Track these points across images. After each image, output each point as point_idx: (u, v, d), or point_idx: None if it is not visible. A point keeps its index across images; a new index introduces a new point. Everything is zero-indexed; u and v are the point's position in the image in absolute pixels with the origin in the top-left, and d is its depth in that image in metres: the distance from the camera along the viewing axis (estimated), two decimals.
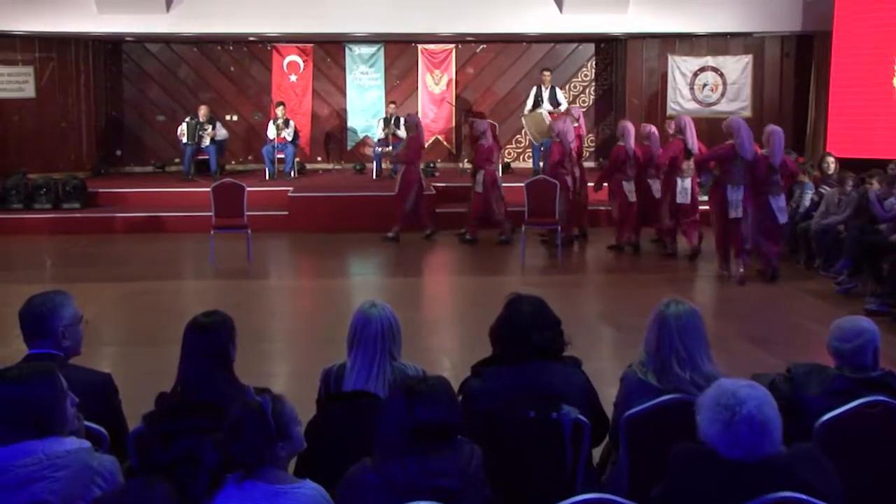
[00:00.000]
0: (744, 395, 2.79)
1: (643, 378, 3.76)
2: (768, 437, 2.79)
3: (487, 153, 12.58)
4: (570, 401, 3.59)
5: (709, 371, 3.68)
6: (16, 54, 15.55)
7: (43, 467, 2.72)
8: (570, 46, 17.56)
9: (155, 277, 10.83)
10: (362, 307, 3.87)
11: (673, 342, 3.70)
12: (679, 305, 3.76)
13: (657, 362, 3.74)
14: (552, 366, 3.71)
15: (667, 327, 3.72)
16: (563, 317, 3.86)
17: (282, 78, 17.39)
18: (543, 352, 3.68)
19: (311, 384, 4.11)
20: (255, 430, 2.80)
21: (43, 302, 3.65)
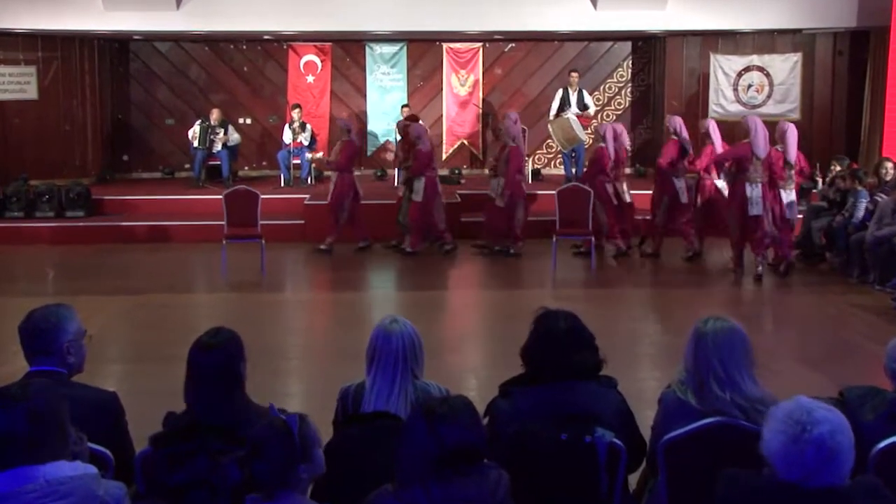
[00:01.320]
0: (820, 415, 2.73)
1: (683, 397, 3.75)
2: (835, 466, 2.70)
3: (427, 159, 12.55)
4: (605, 423, 3.58)
5: (751, 392, 3.66)
6: (17, 53, 15.73)
7: (44, 494, 2.68)
8: (604, 45, 17.55)
9: (163, 290, 10.89)
10: (382, 323, 3.88)
11: (710, 361, 3.68)
12: (717, 322, 3.73)
13: (696, 381, 3.73)
14: (585, 385, 3.70)
15: (704, 345, 3.70)
16: (595, 333, 3.85)
17: (298, 79, 17.49)
18: (581, 371, 3.68)
19: (328, 404, 4.12)
20: (279, 450, 2.81)
21: (46, 316, 3.65)
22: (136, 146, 17.48)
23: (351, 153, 13.00)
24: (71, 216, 14.27)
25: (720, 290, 10.92)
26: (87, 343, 3.86)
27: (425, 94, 17.65)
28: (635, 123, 17.69)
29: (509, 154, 12.19)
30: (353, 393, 3.88)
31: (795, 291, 10.66)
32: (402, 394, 3.75)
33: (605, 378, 3.81)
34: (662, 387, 3.98)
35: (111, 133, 17.35)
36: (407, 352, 3.80)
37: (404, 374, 3.79)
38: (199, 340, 3.57)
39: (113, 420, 3.67)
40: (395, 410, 3.66)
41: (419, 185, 12.50)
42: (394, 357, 3.78)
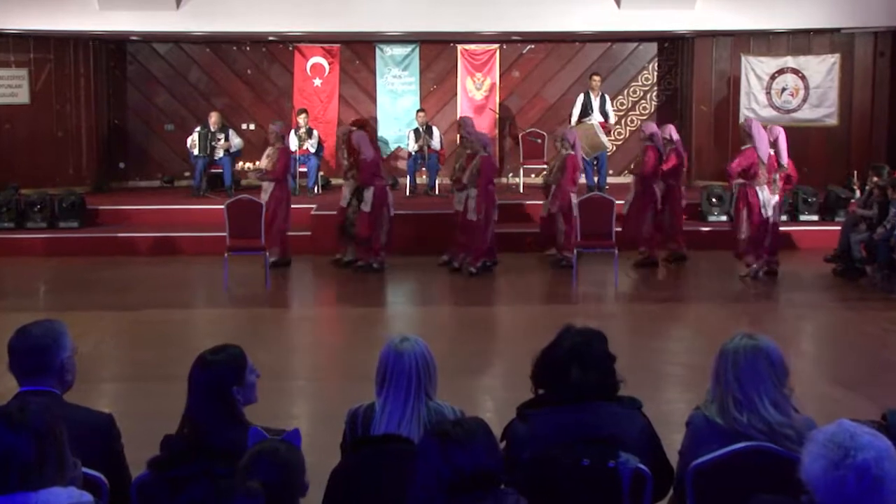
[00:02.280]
0: (864, 441, 2.68)
1: (710, 416, 3.74)
2: (879, 495, 2.63)
3: (373, 167, 12.49)
4: (630, 447, 3.57)
5: (771, 416, 3.63)
6: (8, 55, 15.84)
7: None
8: (628, 46, 17.57)
9: (161, 305, 10.93)
10: (393, 341, 3.88)
11: (728, 380, 3.67)
12: (742, 340, 3.72)
13: (717, 403, 3.74)
14: (608, 407, 3.70)
15: (724, 363, 3.70)
16: (619, 352, 3.85)
17: (305, 82, 17.56)
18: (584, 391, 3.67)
19: (335, 426, 4.13)
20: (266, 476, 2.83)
21: (45, 332, 3.65)
22: (134, 153, 17.55)
23: (287, 161, 13.00)
24: (64, 227, 14.34)
25: (753, 305, 10.91)
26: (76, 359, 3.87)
27: (439, 98, 17.70)
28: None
29: (481, 165, 12.07)
30: (362, 415, 3.89)
31: (833, 308, 10.63)
32: (415, 416, 3.76)
33: (629, 399, 3.80)
34: (690, 409, 3.97)
35: (107, 139, 17.44)
36: (420, 371, 3.81)
37: (418, 395, 3.79)
38: (201, 355, 3.59)
39: (108, 443, 3.68)
40: (408, 433, 3.66)
41: (368, 194, 12.35)
42: (406, 377, 3.79)
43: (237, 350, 3.66)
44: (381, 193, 12.47)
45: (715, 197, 14.71)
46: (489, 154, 12.36)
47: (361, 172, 12.39)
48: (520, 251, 13.26)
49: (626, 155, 17.57)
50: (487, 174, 12.19)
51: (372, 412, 3.86)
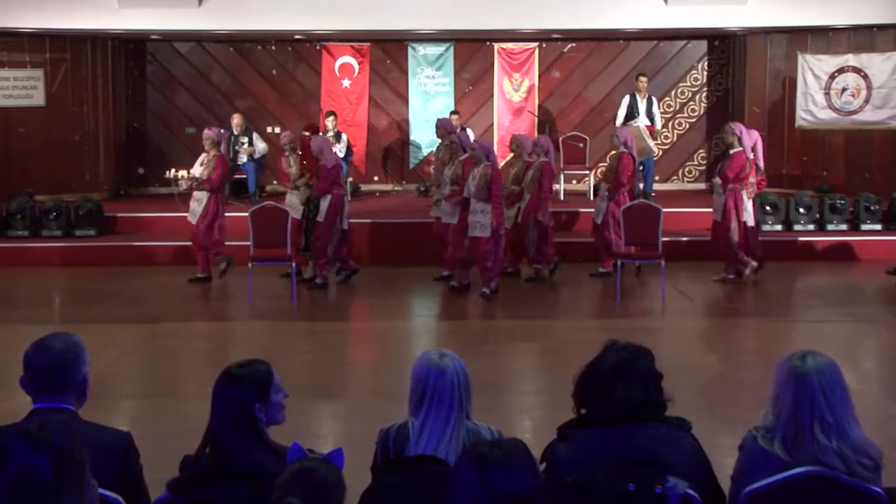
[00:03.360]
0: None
1: (767, 448, 3.70)
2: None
3: (334, 174, 12.38)
4: (678, 471, 3.54)
5: (859, 439, 3.61)
6: (24, 55, 16.03)
7: None
8: (676, 44, 17.52)
9: (181, 318, 11.01)
10: (429, 357, 3.88)
11: (816, 404, 3.63)
12: (818, 359, 3.69)
13: (791, 428, 3.67)
14: (655, 428, 3.68)
15: (807, 385, 3.64)
16: (666, 370, 3.83)
17: (333, 83, 17.64)
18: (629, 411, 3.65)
19: (365, 447, 4.13)
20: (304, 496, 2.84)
21: (66, 346, 3.65)
22: (153, 158, 17.66)
23: (225, 170, 12.84)
24: (80, 235, 14.48)
25: (808, 320, 10.81)
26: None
27: (474, 99, 17.72)
28: (711, 133, 17.59)
29: (491, 177, 11.49)
30: (395, 435, 3.88)
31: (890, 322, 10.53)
32: (455, 437, 3.75)
33: (676, 420, 3.78)
34: (743, 431, 3.94)
35: (125, 143, 17.59)
36: (462, 390, 3.81)
37: (459, 415, 3.79)
38: (226, 370, 3.59)
39: (126, 463, 3.69)
40: (446, 455, 3.66)
41: (325, 203, 12.21)
42: (448, 396, 3.78)
43: (264, 366, 3.66)
44: (338, 202, 12.38)
45: (769, 205, 14.61)
46: (493, 162, 11.76)
47: (321, 180, 12.18)
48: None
49: (674, 160, 17.55)
50: (498, 185, 11.62)
51: (405, 432, 3.86)
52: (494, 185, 11.43)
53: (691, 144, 17.68)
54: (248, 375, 3.58)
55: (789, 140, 16.30)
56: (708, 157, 17.70)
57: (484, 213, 11.49)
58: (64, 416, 3.41)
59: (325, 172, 12.15)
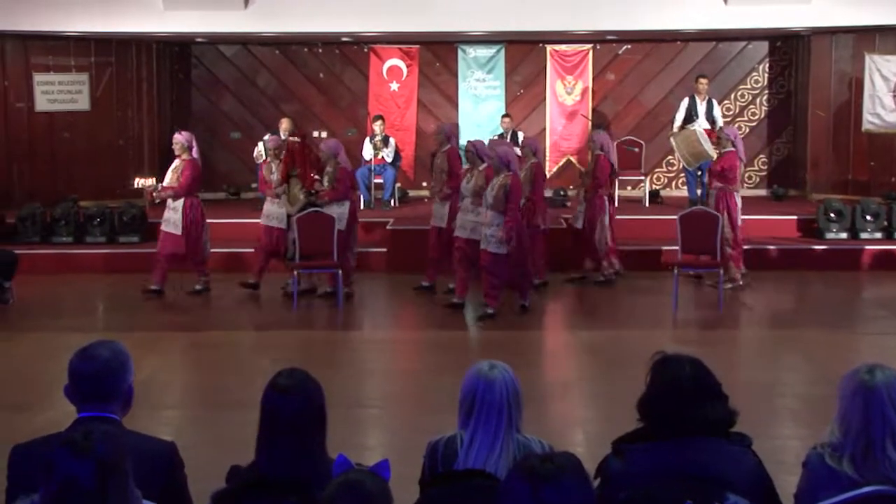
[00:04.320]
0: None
1: (835, 466, 3.65)
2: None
3: (352, 178, 12.33)
4: (738, 488, 3.51)
5: None
6: (69, 59, 16.27)
7: None
8: (736, 45, 17.39)
9: (226, 327, 11.10)
10: (480, 369, 3.87)
11: (887, 419, 3.57)
12: (886, 372, 3.64)
13: (860, 445, 3.62)
14: (715, 443, 3.64)
15: (876, 400, 3.59)
16: (726, 383, 3.79)
17: (381, 86, 17.70)
18: (711, 426, 3.62)
19: (412, 460, 4.14)
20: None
21: (113, 355, 3.67)
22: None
23: (195, 173, 12.48)
24: (124, 241, 14.62)
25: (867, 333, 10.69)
26: None
27: (526, 103, 17.71)
28: (772, 137, 17.46)
29: (510, 187, 10.96)
30: (443, 448, 3.88)
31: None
32: (505, 451, 3.74)
33: (737, 435, 3.74)
34: (807, 447, 3.90)
35: (169, 148, 17.72)
36: (512, 402, 3.80)
37: (509, 429, 3.78)
38: (274, 382, 3.58)
39: (171, 474, 3.71)
40: (496, 470, 3.65)
41: (343, 210, 12.06)
42: (497, 408, 3.77)
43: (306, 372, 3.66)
44: (355, 208, 12.41)
45: (833, 212, 14.44)
46: (515, 172, 11.21)
47: (341, 183, 12.06)
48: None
49: None
50: (517, 196, 11.14)
51: (454, 445, 3.85)
52: (512, 195, 10.97)
53: (751, 149, 17.49)
54: (304, 382, 3.59)
55: (855, 144, 16.10)
56: (769, 162, 17.54)
57: (499, 227, 10.98)
58: (109, 426, 3.43)
59: (346, 175, 12.19)
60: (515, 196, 11.06)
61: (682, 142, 14.95)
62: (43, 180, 15.93)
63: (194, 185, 12.49)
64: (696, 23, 15.24)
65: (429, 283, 12.34)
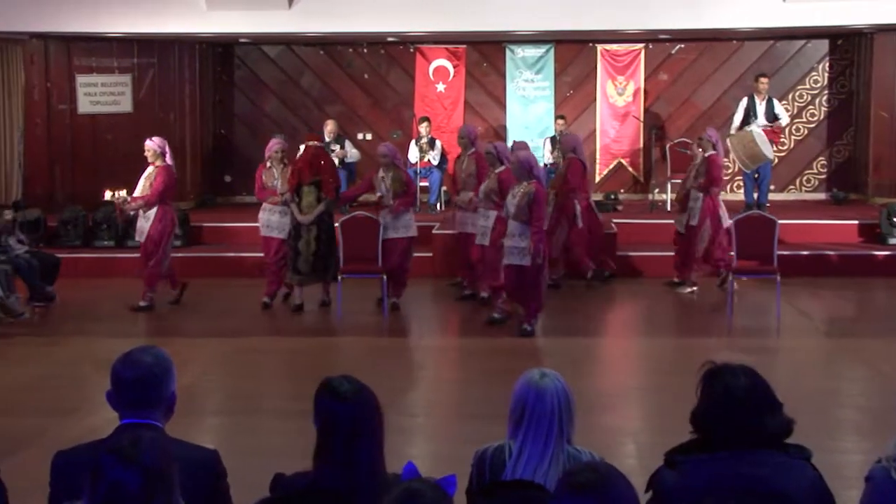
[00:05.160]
0: None
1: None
2: None
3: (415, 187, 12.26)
4: (796, 503, 3.48)
5: None
6: (112, 60, 16.44)
7: None
8: (794, 44, 17.24)
9: (268, 332, 11.17)
10: (530, 377, 3.87)
11: None
12: None
13: None
14: (773, 456, 3.61)
15: None
16: (784, 393, 3.76)
17: (427, 87, 17.73)
18: (768, 438, 3.59)
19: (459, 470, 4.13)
20: None
21: (156, 361, 3.69)
22: (241, 166, 17.90)
23: (169, 181, 12.04)
24: None
25: None
26: None
27: (575, 104, 17.66)
28: (832, 138, 17.27)
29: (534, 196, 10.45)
30: (491, 457, 3.88)
31: None
32: (554, 462, 3.73)
33: (795, 448, 3.71)
34: (870, 461, 3.85)
35: (212, 151, 17.92)
36: (563, 411, 3.79)
37: (559, 439, 3.77)
38: (331, 388, 3.58)
39: (214, 482, 3.73)
40: (545, 482, 3.63)
41: (410, 217, 12.05)
42: (548, 418, 3.77)
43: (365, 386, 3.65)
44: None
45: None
46: (539, 179, 10.79)
47: (409, 194, 12.03)
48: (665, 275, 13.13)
49: (791, 168, 17.26)
50: (542, 206, 10.70)
51: (501, 454, 3.85)
52: (537, 205, 10.45)
53: (810, 151, 17.36)
54: (362, 389, 3.59)
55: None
56: (829, 164, 17.36)
57: (523, 238, 10.50)
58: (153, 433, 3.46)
59: (411, 182, 12.09)
60: (540, 206, 10.59)
61: (739, 143, 14.84)
62: (85, 183, 16.08)
63: (167, 193, 12.10)
64: (753, 21, 15.10)
65: (471, 291, 12.28)
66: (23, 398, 8.92)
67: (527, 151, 11.36)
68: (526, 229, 10.47)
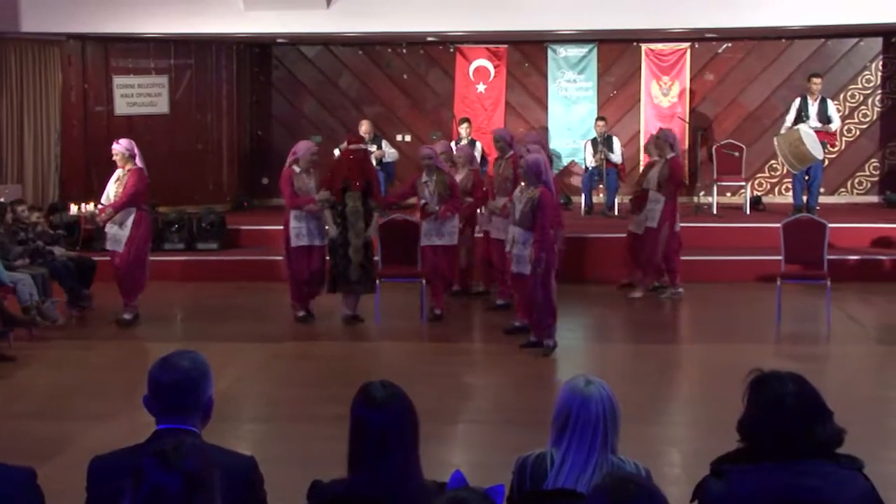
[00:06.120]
0: None
1: None
2: None
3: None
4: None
5: None
6: (149, 61, 16.59)
7: None
8: (846, 42, 17.09)
9: (305, 338, 11.20)
10: (575, 384, 3.86)
11: None
12: None
13: None
14: (823, 466, 3.58)
15: None
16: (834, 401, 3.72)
17: (467, 88, 17.75)
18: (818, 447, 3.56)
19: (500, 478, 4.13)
20: None
21: (194, 365, 3.72)
22: (278, 168, 17.69)
23: (141, 184, 11.60)
24: (203, 249, 14.89)
25: None
26: None
27: (619, 105, 17.61)
28: (885, 140, 17.11)
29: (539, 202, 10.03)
30: (533, 465, 3.87)
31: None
32: (598, 471, 3.72)
33: (846, 458, 3.68)
34: None
35: (249, 152, 18.02)
36: (608, 420, 3.78)
37: (603, 448, 3.76)
38: (366, 394, 3.59)
39: (250, 490, 3.74)
40: (587, 490, 3.63)
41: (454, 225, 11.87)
42: (592, 426, 3.76)
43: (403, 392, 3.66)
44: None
45: None
46: (548, 184, 10.29)
47: (456, 190, 11.82)
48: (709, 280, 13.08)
49: (842, 170, 17.10)
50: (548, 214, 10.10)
51: (543, 462, 3.84)
52: (541, 212, 9.97)
53: (862, 153, 17.21)
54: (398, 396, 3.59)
55: None
56: (881, 166, 17.20)
57: (527, 245, 10.14)
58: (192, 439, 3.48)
59: (456, 185, 11.97)
60: (545, 213, 10.03)
61: (785, 142, 14.74)
62: None
63: (139, 198, 11.61)
64: (803, 19, 14.98)
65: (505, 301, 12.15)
66: (59, 402, 9.01)
67: (537, 154, 10.60)
68: (530, 237, 10.09)
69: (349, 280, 11.57)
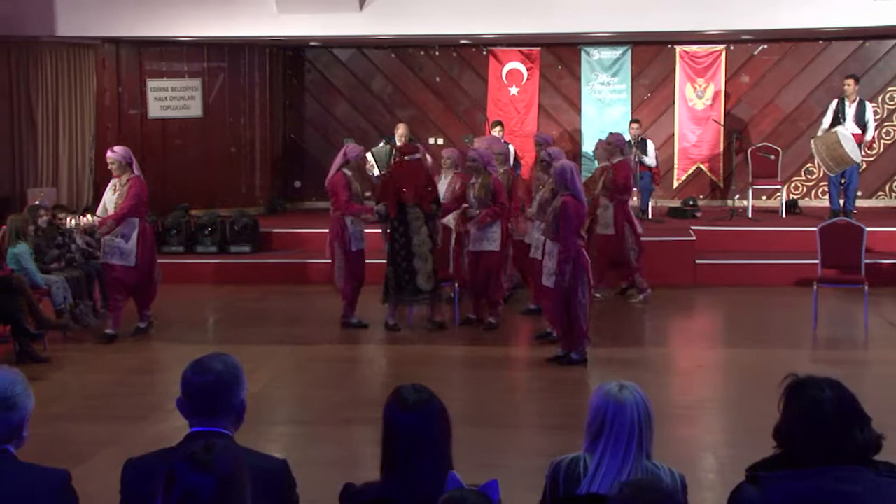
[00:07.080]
0: None
1: None
2: None
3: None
4: None
5: None
6: (182, 64, 16.69)
7: None
8: (885, 44, 16.96)
9: (339, 341, 11.24)
10: (609, 390, 3.85)
11: None
12: None
13: None
14: (860, 473, 3.55)
15: None
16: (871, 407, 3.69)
17: (500, 90, 17.75)
18: (857, 454, 3.53)
19: (534, 482, 4.13)
20: None
21: (227, 368, 3.73)
22: (311, 171, 18.05)
23: (142, 193, 11.18)
24: (235, 251, 14.94)
25: None
26: None
27: (653, 108, 17.55)
28: None
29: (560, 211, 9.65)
30: (566, 469, 3.87)
31: None
32: (633, 476, 3.71)
33: (885, 465, 3.65)
34: None
35: (282, 155, 18.09)
36: (643, 425, 3.77)
37: (639, 454, 3.76)
38: (398, 398, 3.59)
39: (283, 493, 3.75)
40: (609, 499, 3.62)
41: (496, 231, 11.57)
42: (627, 431, 3.75)
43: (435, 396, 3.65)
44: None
45: None
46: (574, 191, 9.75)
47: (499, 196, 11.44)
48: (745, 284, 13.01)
49: (880, 173, 16.96)
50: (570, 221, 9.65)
51: (576, 467, 3.84)
52: (564, 222, 9.56)
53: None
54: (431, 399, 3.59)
55: None
56: None
57: (551, 256, 9.82)
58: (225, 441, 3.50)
59: (500, 190, 11.69)
60: (567, 224, 9.58)
61: (822, 144, 14.63)
62: (155, 188, 16.16)
63: (141, 208, 11.23)
64: (840, 20, 14.86)
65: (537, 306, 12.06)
66: (93, 405, 9.07)
67: (564, 161, 10.30)
68: (555, 248, 9.73)
69: (419, 290, 11.47)
